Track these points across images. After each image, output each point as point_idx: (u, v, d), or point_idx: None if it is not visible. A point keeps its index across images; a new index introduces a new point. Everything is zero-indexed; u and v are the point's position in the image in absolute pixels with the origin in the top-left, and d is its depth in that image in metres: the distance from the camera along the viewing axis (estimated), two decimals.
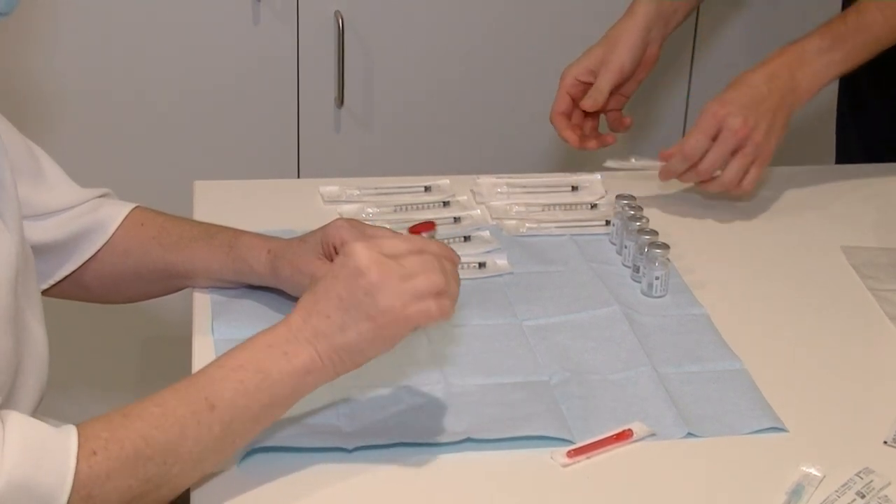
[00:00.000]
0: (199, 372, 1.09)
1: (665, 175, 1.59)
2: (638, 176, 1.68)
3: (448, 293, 1.11)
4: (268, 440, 1.15)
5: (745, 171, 1.56)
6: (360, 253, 1.09)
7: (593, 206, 1.61)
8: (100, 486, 1.01)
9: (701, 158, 1.55)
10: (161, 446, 1.04)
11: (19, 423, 1.01)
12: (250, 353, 1.09)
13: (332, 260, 1.30)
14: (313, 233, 1.33)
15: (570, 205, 1.62)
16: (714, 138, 1.55)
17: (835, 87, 1.94)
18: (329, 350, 1.09)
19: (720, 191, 1.59)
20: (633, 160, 1.62)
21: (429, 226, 1.31)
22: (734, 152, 1.55)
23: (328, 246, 1.30)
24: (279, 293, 1.36)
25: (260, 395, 1.08)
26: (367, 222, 1.33)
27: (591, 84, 1.69)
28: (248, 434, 1.10)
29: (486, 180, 1.66)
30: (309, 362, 1.09)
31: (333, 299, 1.09)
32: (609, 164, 1.62)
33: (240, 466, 1.13)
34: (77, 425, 1.03)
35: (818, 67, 1.58)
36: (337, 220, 1.32)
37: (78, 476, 1.00)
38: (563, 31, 2.35)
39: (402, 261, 1.10)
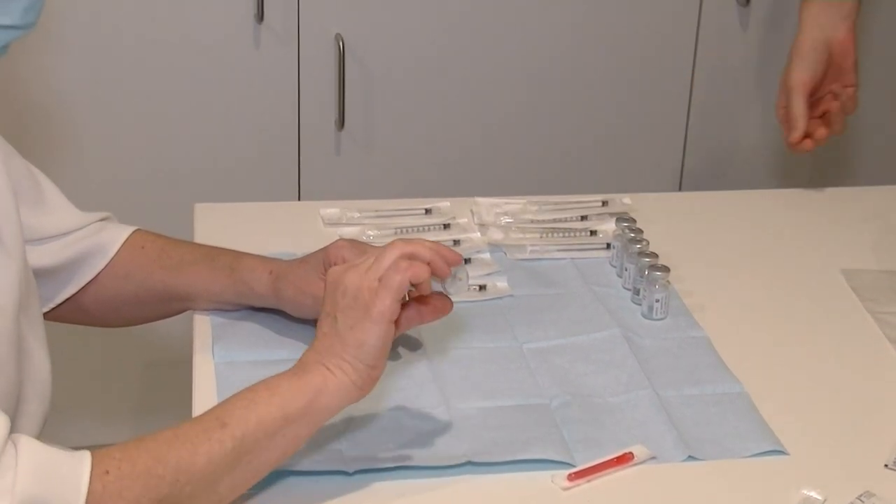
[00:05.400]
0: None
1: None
2: (638, 199, 1.68)
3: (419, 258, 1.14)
4: None
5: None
6: (331, 272, 1.15)
7: (593, 232, 1.61)
8: None
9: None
10: (172, 464, 1.04)
11: (33, 446, 1.01)
12: (265, 381, 1.12)
13: None
14: (315, 254, 1.33)
15: (572, 229, 1.61)
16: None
17: None
18: (337, 359, 1.11)
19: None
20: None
21: None
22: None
23: (330, 266, 1.30)
24: (280, 315, 1.36)
25: (270, 407, 1.09)
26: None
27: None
28: (262, 451, 1.09)
29: (485, 202, 1.66)
30: (320, 378, 1.11)
31: (325, 319, 1.13)
32: None
33: None
34: (91, 451, 1.04)
35: None
36: (338, 240, 1.32)
37: (91, 495, 1.00)
38: (564, 55, 2.36)
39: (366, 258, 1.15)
